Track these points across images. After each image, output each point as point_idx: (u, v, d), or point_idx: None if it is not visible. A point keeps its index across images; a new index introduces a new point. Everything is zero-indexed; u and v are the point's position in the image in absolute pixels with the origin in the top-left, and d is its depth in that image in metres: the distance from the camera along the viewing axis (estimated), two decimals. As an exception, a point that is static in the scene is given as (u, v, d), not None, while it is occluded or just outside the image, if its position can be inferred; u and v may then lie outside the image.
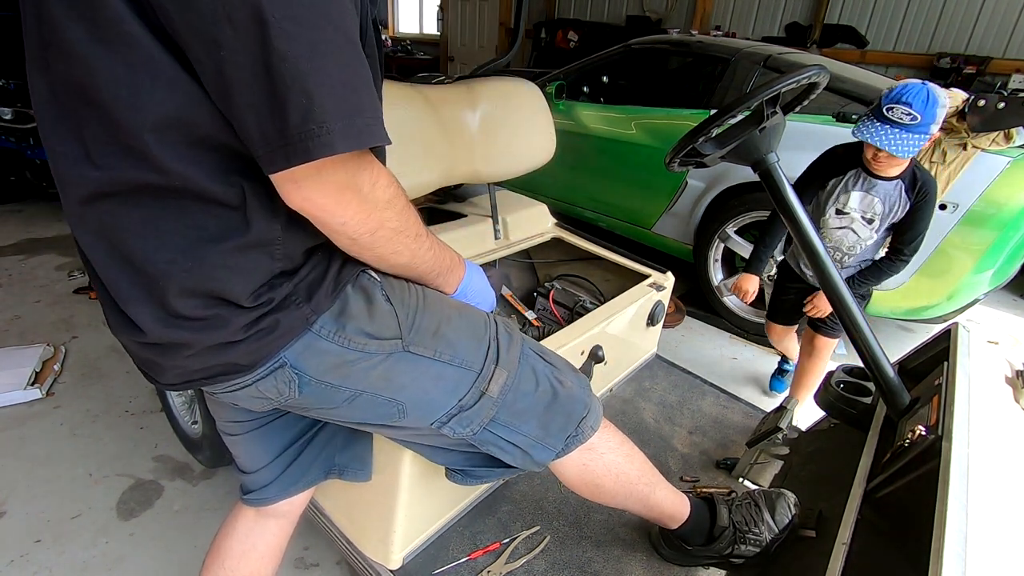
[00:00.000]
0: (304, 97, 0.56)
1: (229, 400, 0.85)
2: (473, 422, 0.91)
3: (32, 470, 1.81)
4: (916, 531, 0.80)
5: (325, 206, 0.65)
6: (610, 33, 6.38)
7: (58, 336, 2.52)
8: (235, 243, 0.68)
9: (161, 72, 0.59)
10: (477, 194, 2.12)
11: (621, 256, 1.97)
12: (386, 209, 0.71)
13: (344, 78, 0.59)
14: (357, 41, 0.61)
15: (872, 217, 1.75)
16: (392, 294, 0.83)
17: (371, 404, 0.84)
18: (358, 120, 0.60)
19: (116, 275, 0.70)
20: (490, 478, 1.06)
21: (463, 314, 0.91)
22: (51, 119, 0.65)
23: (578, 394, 1.00)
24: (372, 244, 0.73)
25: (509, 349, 0.93)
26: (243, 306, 0.71)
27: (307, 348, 0.76)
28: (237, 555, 1.07)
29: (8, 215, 3.84)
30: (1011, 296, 3.70)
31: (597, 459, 1.04)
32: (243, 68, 0.55)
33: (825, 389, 1.39)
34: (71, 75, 0.60)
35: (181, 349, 0.73)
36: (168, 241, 0.67)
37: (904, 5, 5.03)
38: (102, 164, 0.63)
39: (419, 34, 9.55)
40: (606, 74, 3.70)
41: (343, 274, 0.78)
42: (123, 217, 0.66)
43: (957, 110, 2.25)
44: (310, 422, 1.05)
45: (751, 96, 1.09)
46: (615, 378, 1.87)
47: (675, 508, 1.18)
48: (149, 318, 0.70)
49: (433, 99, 1.57)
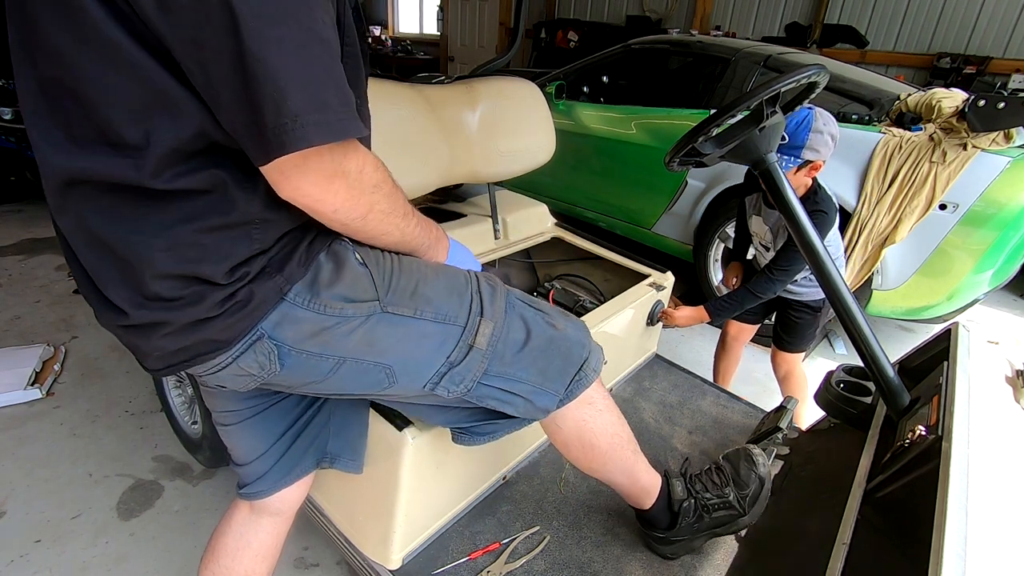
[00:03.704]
0: (276, 93, 0.58)
1: (215, 383, 0.85)
2: (465, 378, 0.91)
3: (32, 470, 1.81)
4: (916, 531, 0.80)
5: (315, 195, 0.68)
6: (610, 33, 6.38)
7: (58, 336, 2.52)
8: (212, 223, 0.69)
9: (144, 73, 0.61)
10: (477, 194, 2.12)
11: (621, 256, 1.97)
12: (374, 193, 0.74)
13: (314, 73, 0.61)
14: (328, 37, 0.63)
15: (767, 244, 1.76)
16: (367, 258, 0.84)
17: (358, 371, 0.85)
18: (330, 113, 0.62)
19: (95, 259, 0.72)
20: (497, 433, 1.05)
21: (441, 272, 0.92)
22: (38, 111, 0.66)
23: (575, 336, 1.00)
24: (364, 227, 0.77)
25: (493, 300, 0.93)
26: (219, 283, 0.72)
27: (283, 318, 0.77)
28: (231, 553, 1.07)
29: (8, 215, 3.84)
30: (1011, 296, 3.70)
31: (595, 416, 1.06)
32: (222, 67, 0.58)
33: (825, 389, 1.39)
34: (58, 75, 0.63)
35: (158, 328, 0.74)
36: (144, 225, 0.68)
37: (904, 5, 5.03)
38: (83, 153, 0.65)
39: (419, 34, 9.55)
40: (606, 74, 3.70)
41: (315, 244, 0.79)
42: (100, 201, 0.68)
43: (957, 110, 2.26)
44: (302, 410, 1.06)
45: (751, 96, 1.09)
46: (615, 378, 1.87)
47: (651, 483, 1.19)
48: (127, 301, 0.72)
49: (433, 99, 1.57)
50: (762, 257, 1.86)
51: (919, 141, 2.28)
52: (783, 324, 1.92)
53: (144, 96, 0.62)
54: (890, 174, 2.33)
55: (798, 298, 1.83)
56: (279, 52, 0.58)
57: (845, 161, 2.43)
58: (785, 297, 1.85)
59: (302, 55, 0.60)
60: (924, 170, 2.25)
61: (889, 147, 2.33)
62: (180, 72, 0.61)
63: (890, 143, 2.33)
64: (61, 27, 0.60)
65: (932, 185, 2.24)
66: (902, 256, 2.41)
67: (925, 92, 2.47)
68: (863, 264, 2.47)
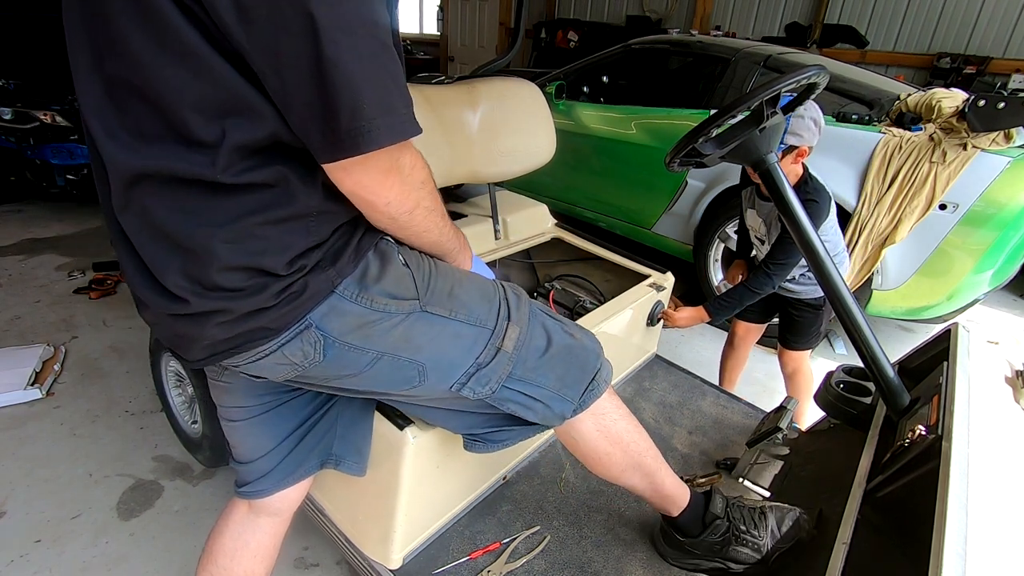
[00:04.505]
0: (352, 98, 0.62)
1: (253, 371, 0.87)
2: (491, 380, 0.94)
3: (32, 470, 1.81)
4: (916, 531, 0.80)
5: (372, 188, 0.72)
6: (610, 33, 6.38)
7: (58, 336, 2.52)
8: (274, 216, 0.73)
9: (220, 77, 0.64)
10: (477, 194, 2.12)
11: (621, 256, 1.97)
12: (421, 188, 0.79)
13: (385, 79, 0.65)
14: (391, 43, 0.67)
15: (762, 237, 1.76)
16: (408, 258, 0.89)
17: (392, 367, 0.88)
18: (397, 116, 0.67)
19: (158, 250, 0.75)
20: (510, 440, 1.07)
21: (472, 278, 0.98)
22: (103, 111, 0.70)
23: (590, 346, 1.05)
24: (410, 222, 0.81)
25: (519, 307, 0.98)
26: (279, 274, 0.75)
27: (332, 309, 0.80)
28: (229, 552, 1.07)
29: (8, 215, 3.84)
30: (1011, 296, 3.70)
31: (610, 425, 1.08)
32: (299, 73, 0.62)
33: (825, 389, 1.39)
34: (128, 75, 0.66)
35: (216, 316, 0.76)
36: (211, 217, 0.71)
37: (904, 5, 5.03)
38: (153, 149, 0.68)
39: (419, 34, 9.55)
40: (606, 74, 3.70)
41: (364, 241, 0.83)
42: (167, 195, 0.71)
43: (957, 110, 2.26)
44: (312, 410, 1.06)
45: (751, 96, 1.09)
46: (615, 378, 1.87)
47: (676, 492, 1.19)
48: (188, 290, 0.74)
49: (433, 99, 1.57)
50: (759, 251, 1.86)
51: (919, 141, 2.28)
52: (786, 323, 1.92)
53: (220, 98, 0.65)
54: (890, 174, 2.33)
55: (798, 296, 1.82)
56: (355, 59, 0.62)
57: (845, 161, 2.43)
58: (785, 296, 1.85)
59: (374, 61, 0.64)
60: (924, 170, 2.25)
61: (889, 147, 2.33)
62: (255, 77, 0.64)
63: (890, 143, 2.33)
64: (139, 31, 0.63)
65: (932, 185, 2.24)
66: (902, 256, 2.41)
67: (925, 92, 2.47)
68: (863, 264, 2.47)
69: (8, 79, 3.66)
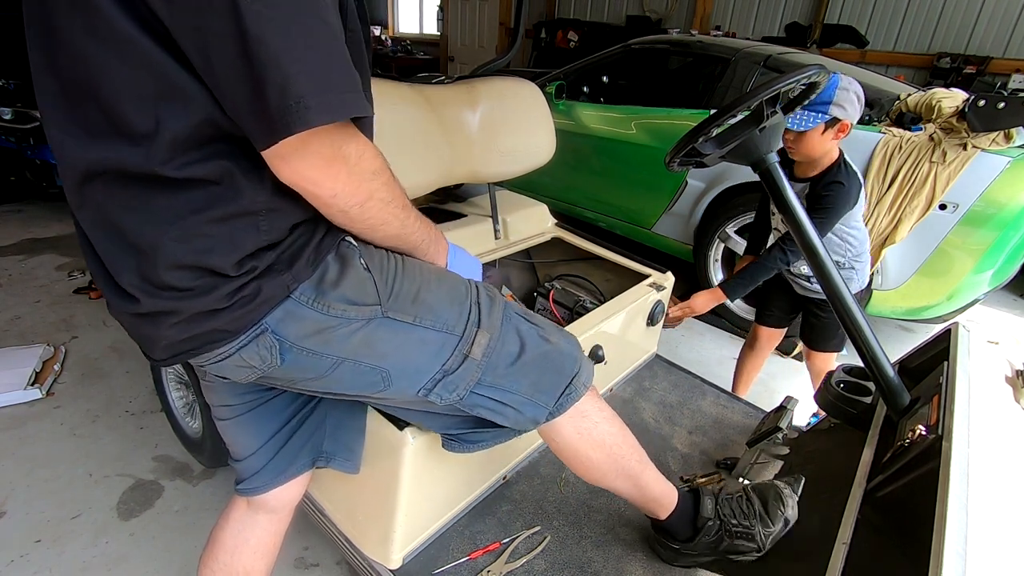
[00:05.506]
0: (279, 75, 0.59)
1: (217, 372, 0.86)
2: (459, 387, 0.92)
3: (32, 470, 1.81)
4: (916, 531, 0.80)
5: (314, 179, 0.69)
6: (610, 33, 6.38)
7: (58, 336, 2.52)
8: (220, 213, 0.71)
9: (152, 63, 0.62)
10: (477, 194, 2.12)
11: (621, 256, 1.97)
12: (373, 180, 0.75)
13: (318, 55, 0.62)
14: (331, 19, 0.64)
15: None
16: (371, 262, 0.85)
17: (355, 372, 0.86)
18: (333, 94, 0.63)
19: (111, 247, 0.74)
20: (486, 443, 1.06)
21: (442, 279, 0.94)
22: (58, 108, 0.69)
23: (568, 350, 1.01)
24: (363, 216, 0.77)
25: (491, 312, 0.94)
26: (228, 275, 0.74)
27: (288, 314, 0.78)
28: (230, 549, 1.08)
29: (8, 215, 3.84)
30: (1011, 296, 3.70)
31: (592, 428, 1.05)
32: (224, 51, 0.59)
33: (825, 389, 1.39)
34: (78, 73, 0.65)
35: (168, 317, 0.75)
36: (157, 214, 0.70)
37: (904, 5, 5.03)
38: (98, 144, 0.68)
39: (419, 34, 9.54)
40: (606, 74, 3.71)
41: (324, 243, 0.80)
42: (116, 191, 0.70)
43: (957, 110, 2.25)
44: (298, 407, 1.06)
45: (751, 96, 1.09)
46: (615, 378, 1.87)
47: (663, 494, 1.18)
48: (139, 289, 0.74)
49: (433, 99, 1.57)
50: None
51: (919, 141, 2.28)
52: (810, 325, 1.89)
53: (153, 85, 0.64)
54: (890, 174, 2.33)
55: (820, 296, 1.79)
56: (281, 34, 0.59)
57: (845, 161, 2.43)
58: (811, 296, 1.83)
59: (304, 36, 0.60)
60: (924, 170, 2.25)
61: (889, 147, 2.33)
62: (187, 61, 0.62)
63: (890, 143, 2.33)
64: (74, 23, 0.62)
65: (932, 185, 2.24)
66: (902, 256, 2.41)
67: (925, 92, 2.47)
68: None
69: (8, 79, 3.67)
